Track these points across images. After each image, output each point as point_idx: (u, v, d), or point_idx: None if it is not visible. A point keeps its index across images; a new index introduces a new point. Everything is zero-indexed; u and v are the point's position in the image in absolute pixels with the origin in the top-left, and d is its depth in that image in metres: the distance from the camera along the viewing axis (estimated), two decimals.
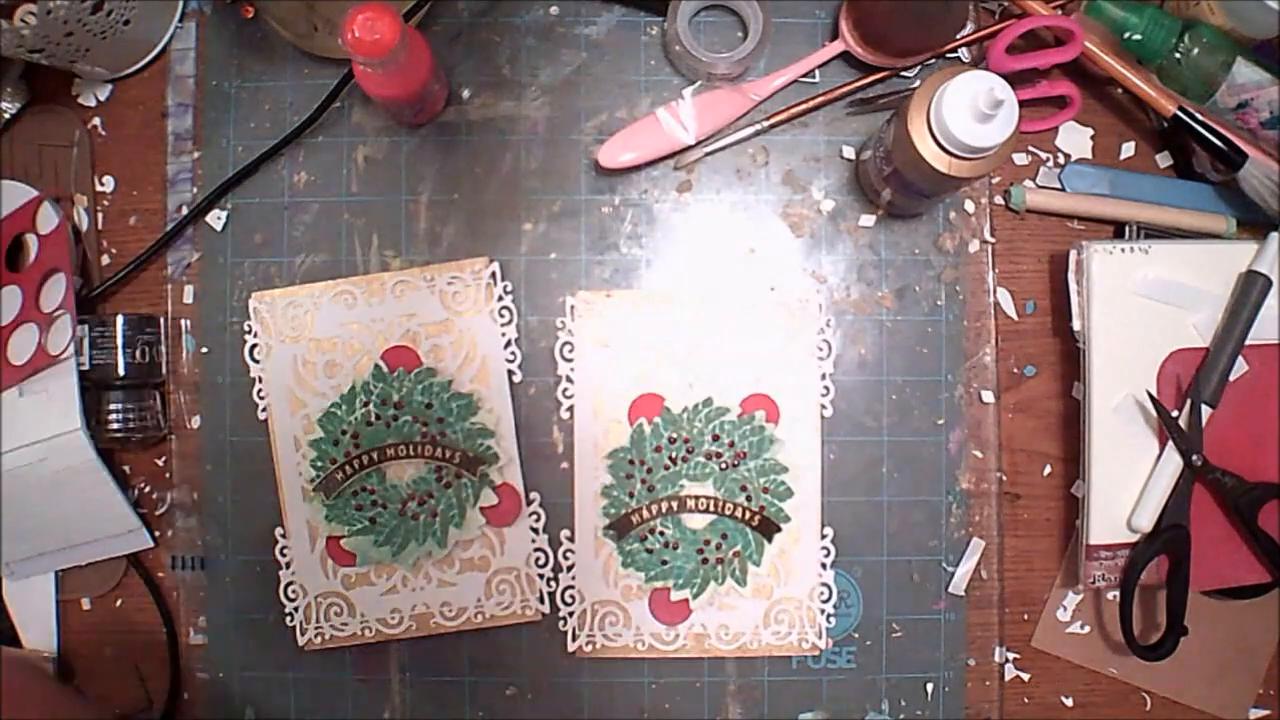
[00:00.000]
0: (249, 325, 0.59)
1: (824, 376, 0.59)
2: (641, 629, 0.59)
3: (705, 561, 0.58)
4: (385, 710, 0.59)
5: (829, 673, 0.60)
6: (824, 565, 0.59)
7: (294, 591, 0.59)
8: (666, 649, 0.58)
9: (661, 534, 0.58)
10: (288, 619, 0.59)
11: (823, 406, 0.59)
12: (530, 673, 0.59)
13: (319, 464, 0.58)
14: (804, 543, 0.59)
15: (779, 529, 0.58)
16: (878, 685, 0.60)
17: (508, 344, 0.59)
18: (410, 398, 0.58)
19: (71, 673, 0.61)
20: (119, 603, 0.61)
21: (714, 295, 0.60)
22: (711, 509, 0.58)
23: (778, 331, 0.59)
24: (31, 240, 0.59)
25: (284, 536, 0.59)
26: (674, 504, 0.58)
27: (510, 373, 0.59)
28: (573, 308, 0.59)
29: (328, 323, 0.59)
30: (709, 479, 0.59)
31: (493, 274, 0.59)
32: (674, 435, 0.59)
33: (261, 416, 0.59)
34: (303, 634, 0.59)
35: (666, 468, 0.58)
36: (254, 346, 0.59)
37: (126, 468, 0.61)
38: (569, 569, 0.59)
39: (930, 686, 0.60)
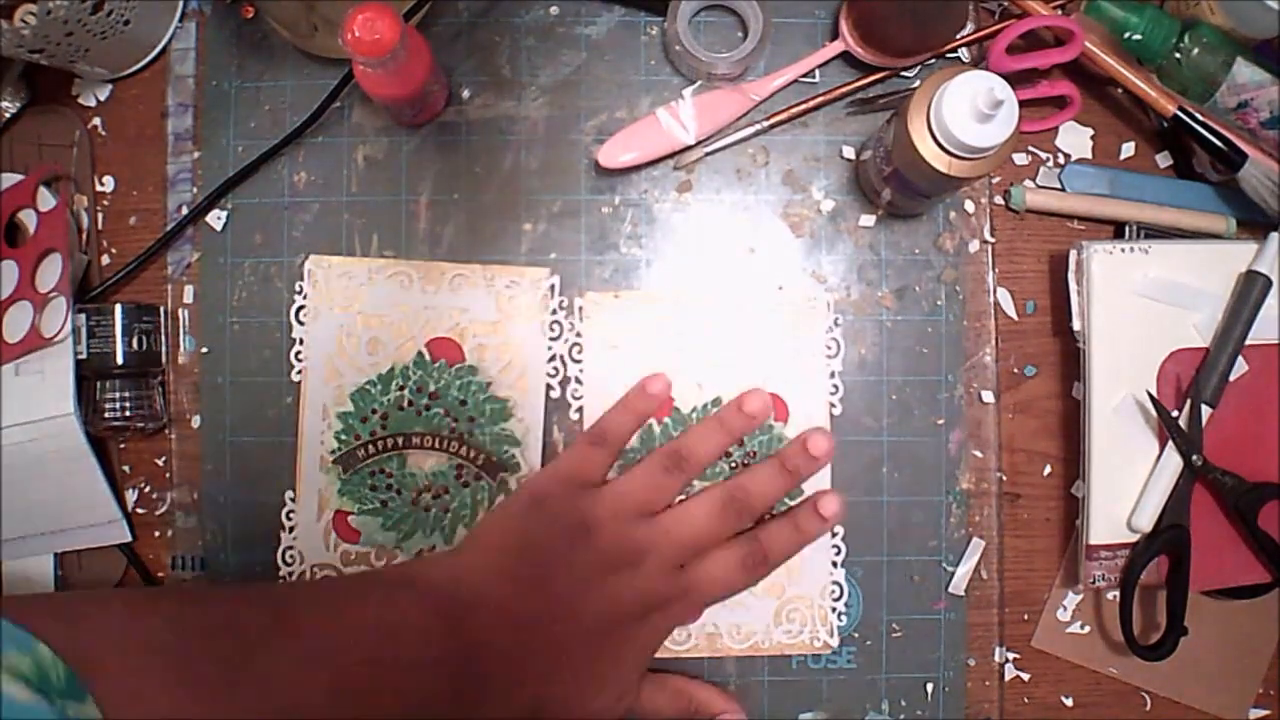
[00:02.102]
0: (299, 286, 0.59)
1: (833, 375, 0.59)
2: None
3: None
4: None
5: (829, 673, 0.60)
6: (834, 564, 0.59)
7: (291, 556, 0.59)
8: (679, 649, 0.58)
9: None
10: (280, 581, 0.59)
11: (832, 405, 0.59)
12: None
13: (343, 437, 0.58)
14: (814, 541, 0.59)
15: None
16: (878, 685, 0.60)
17: (552, 358, 0.59)
18: (446, 391, 0.58)
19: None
20: None
21: (721, 295, 0.60)
22: None
23: (786, 331, 0.59)
24: (30, 217, 0.59)
25: (293, 500, 0.59)
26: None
27: (549, 387, 0.59)
28: (581, 308, 0.59)
29: (378, 300, 0.59)
30: (719, 479, 0.59)
31: (551, 286, 0.59)
32: None
33: (295, 378, 0.59)
34: None
35: None
36: (301, 308, 0.59)
37: (127, 467, 0.61)
38: None
39: (930, 686, 0.60)
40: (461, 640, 0.48)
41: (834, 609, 0.59)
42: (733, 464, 0.58)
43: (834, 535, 0.59)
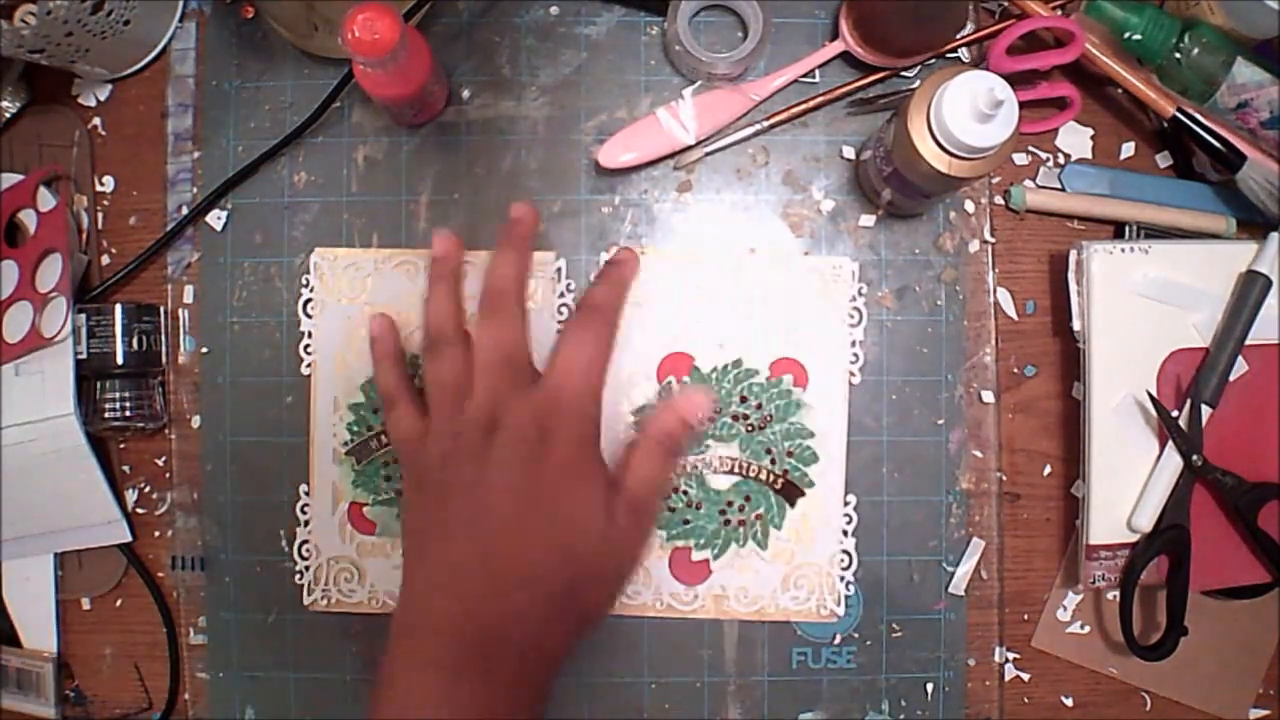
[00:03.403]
0: (306, 279, 0.59)
1: (854, 344, 0.59)
2: (661, 588, 0.59)
3: (727, 523, 0.59)
4: None
5: (829, 673, 0.60)
6: (845, 532, 0.59)
7: (307, 550, 0.59)
8: (685, 609, 0.59)
9: (684, 493, 0.59)
10: (296, 577, 0.59)
11: (851, 374, 0.59)
12: None
13: (355, 428, 0.59)
14: (826, 509, 0.59)
15: (802, 494, 0.59)
16: (878, 685, 0.60)
17: None
18: None
19: (71, 673, 0.61)
20: (119, 603, 0.61)
21: (747, 258, 0.60)
22: (736, 470, 0.59)
23: (810, 296, 0.59)
24: (30, 217, 0.59)
25: (307, 494, 0.59)
26: (699, 464, 0.59)
27: None
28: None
29: (386, 290, 0.59)
30: (735, 440, 0.59)
31: (558, 270, 0.59)
32: None
33: (305, 372, 0.59)
34: (309, 594, 0.59)
35: None
36: (308, 301, 0.59)
37: (127, 467, 0.61)
38: None
39: (930, 686, 0.60)
40: (478, 626, 0.45)
41: (842, 578, 0.59)
42: (748, 425, 0.59)
43: (847, 504, 0.59)
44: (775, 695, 0.59)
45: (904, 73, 0.61)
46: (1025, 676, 0.61)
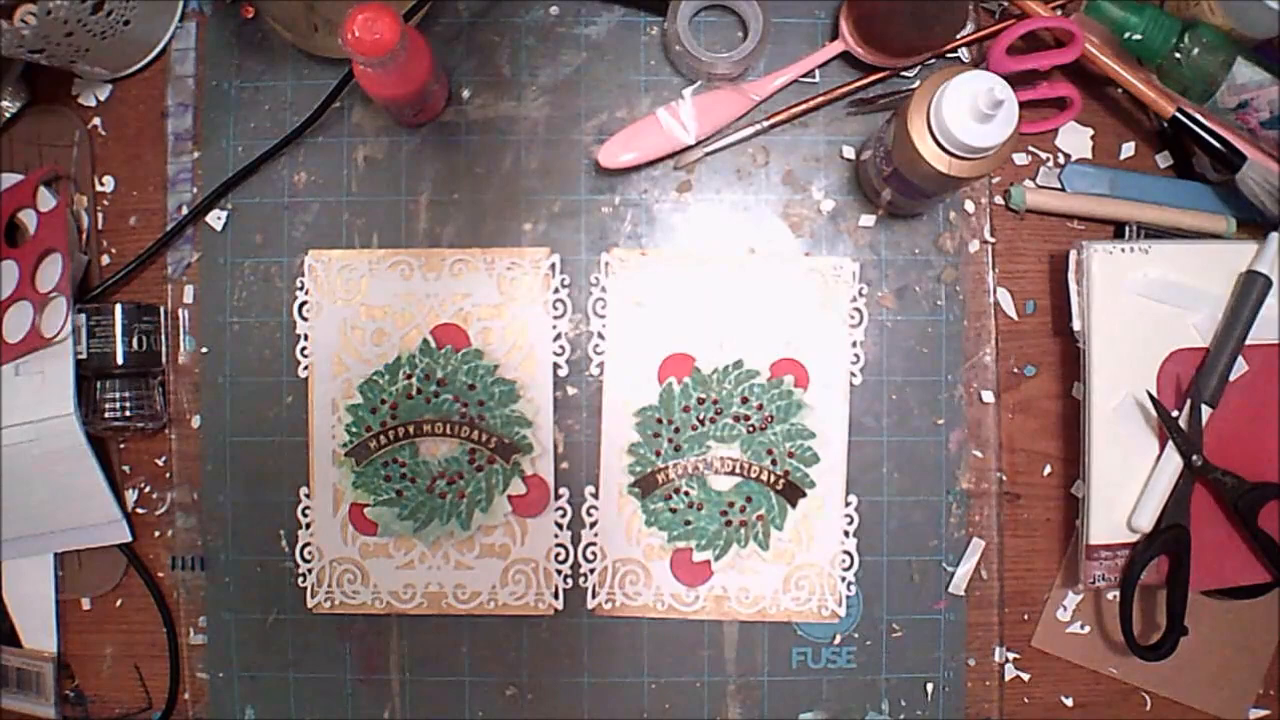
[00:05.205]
0: (301, 282, 0.60)
1: (855, 344, 0.59)
2: (662, 589, 0.59)
3: (729, 524, 0.59)
4: (385, 710, 0.59)
5: (829, 673, 0.60)
6: (846, 533, 0.59)
7: (310, 553, 0.59)
8: (686, 610, 0.59)
9: (686, 494, 0.59)
10: (299, 580, 0.59)
11: (852, 375, 0.59)
12: (530, 672, 0.59)
13: (354, 429, 0.59)
14: (827, 509, 0.59)
15: (804, 494, 0.59)
16: (878, 685, 0.60)
17: (557, 337, 0.59)
18: (454, 376, 0.59)
19: (71, 673, 0.61)
20: (119, 603, 0.61)
21: (748, 258, 0.60)
22: (737, 471, 0.59)
23: (810, 298, 0.60)
24: (30, 217, 0.59)
25: (308, 496, 0.59)
26: (700, 465, 0.59)
27: (556, 365, 0.59)
28: (607, 264, 0.59)
29: (381, 290, 0.59)
30: (736, 441, 0.59)
31: (552, 265, 0.59)
32: (703, 396, 0.59)
33: (302, 375, 0.59)
34: (313, 596, 0.59)
35: (694, 428, 0.59)
36: (303, 304, 0.59)
37: (127, 467, 0.61)
38: (591, 525, 0.59)
39: (930, 686, 0.60)
40: None
41: (843, 578, 0.59)
42: (749, 426, 0.58)
43: (848, 504, 0.59)
44: (775, 695, 0.59)
45: (904, 73, 0.61)
46: (1025, 676, 0.61)
